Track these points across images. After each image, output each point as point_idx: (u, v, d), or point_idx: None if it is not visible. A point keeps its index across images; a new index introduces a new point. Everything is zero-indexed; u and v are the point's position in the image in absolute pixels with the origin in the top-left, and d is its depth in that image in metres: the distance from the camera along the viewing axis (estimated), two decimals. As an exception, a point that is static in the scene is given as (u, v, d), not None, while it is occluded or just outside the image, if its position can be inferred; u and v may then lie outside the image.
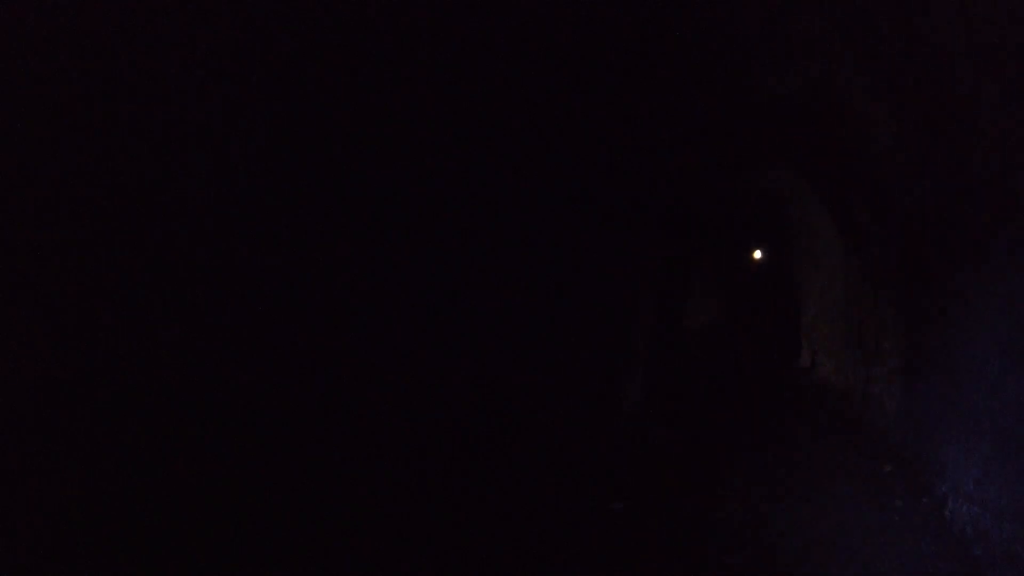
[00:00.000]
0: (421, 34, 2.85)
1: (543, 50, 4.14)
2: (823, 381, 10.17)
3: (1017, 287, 3.79)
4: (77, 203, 1.64)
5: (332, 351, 2.59)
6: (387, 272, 2.91)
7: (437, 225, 3.28)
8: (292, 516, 2.44)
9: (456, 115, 3.36)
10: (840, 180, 8.07)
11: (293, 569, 2.44)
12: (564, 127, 5.07)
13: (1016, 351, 3.85)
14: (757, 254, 15.55)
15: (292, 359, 2.41)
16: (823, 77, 5.05)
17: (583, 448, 6.12)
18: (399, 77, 2.80)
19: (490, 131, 3.85)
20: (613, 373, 7.22)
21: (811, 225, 10.75)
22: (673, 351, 12.85)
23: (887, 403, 7.45)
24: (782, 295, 13.34)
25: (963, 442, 5.26)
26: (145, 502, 1.88)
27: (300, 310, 2.44)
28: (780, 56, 4.56)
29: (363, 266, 2.73)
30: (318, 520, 2.54)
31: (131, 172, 1.77)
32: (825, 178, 8.59)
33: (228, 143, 2.05)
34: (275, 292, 2.32)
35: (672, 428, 7.84)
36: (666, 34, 4.69)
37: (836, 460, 6.77)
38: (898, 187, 6.16)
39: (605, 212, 6.64)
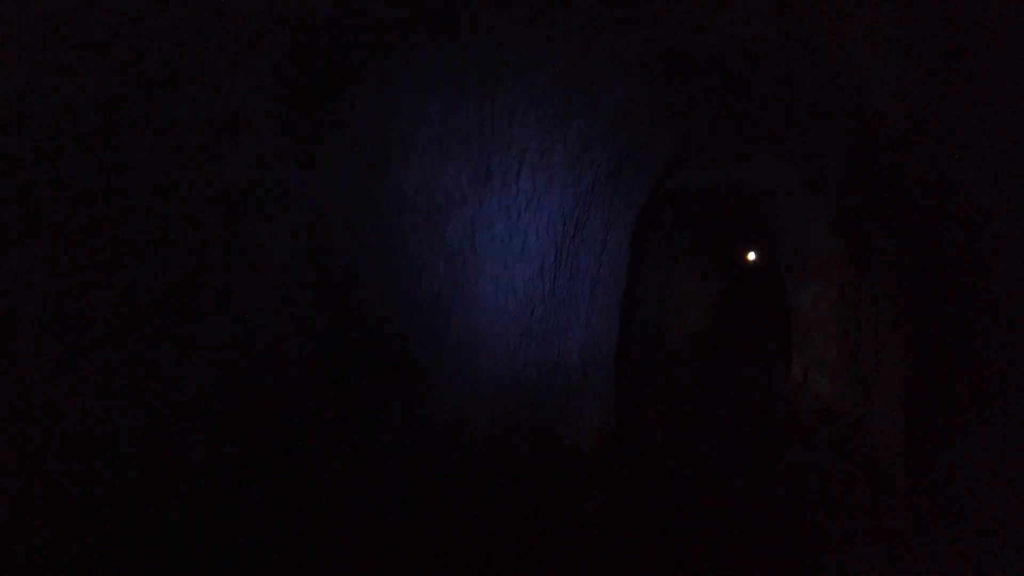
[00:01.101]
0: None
1: None
2: (816, 400, 8.98)
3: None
4: (79, 201, 1.64)
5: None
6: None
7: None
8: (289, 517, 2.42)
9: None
10: (833, 169, 6.90)
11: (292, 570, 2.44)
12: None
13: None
14: (745, 258, 14.40)
15: (293, 358, 2.41)
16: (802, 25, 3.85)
17: (519, 497, 4.89)
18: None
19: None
20: (569, 397, 6.00)
21: (802, 223, 9.58)
22: (650, 367, 11.68)
23: (890, 431, 6.26)
24: (771, 303, 12.16)
25: (995, 497, 4.07)
26: (145, 502, 1.87)
27: (299, 309, 2.43)
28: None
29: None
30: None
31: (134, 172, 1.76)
32: (816, 166, 7.42)
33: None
34: (273, 292, 2.30)
35: (638, 465, 6.64)
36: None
37: (832, 512, 5.57)
38: (906, 173, 5.00)
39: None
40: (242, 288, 2.17)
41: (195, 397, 2.02)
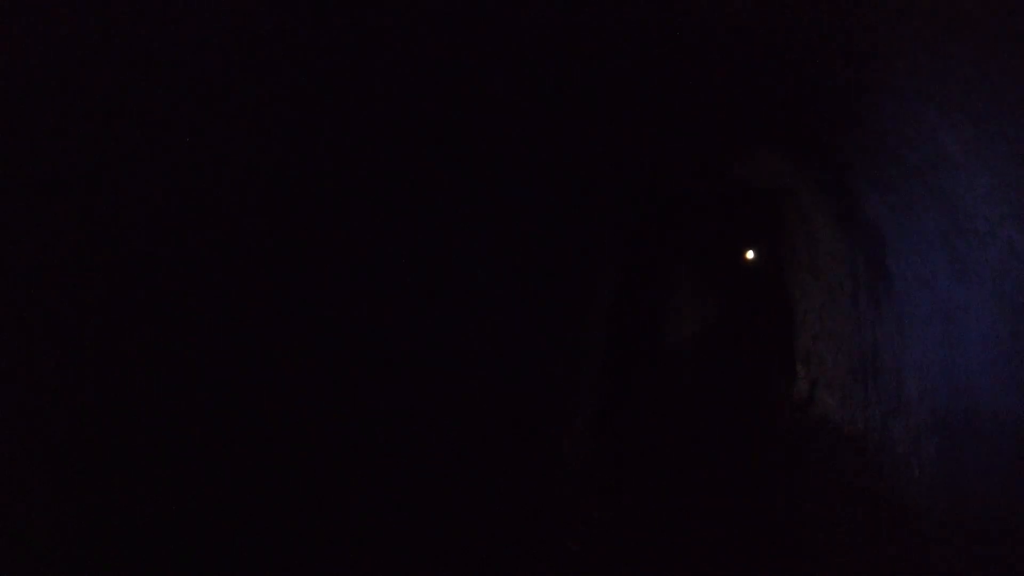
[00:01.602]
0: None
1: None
2: (824, 420, 8.15)
3: None
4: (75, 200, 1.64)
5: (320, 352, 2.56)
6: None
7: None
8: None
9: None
10: (847, 162, 6.05)
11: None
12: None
13: None
14: (745, 258, 13.58)
15: (290, 358, 2.40)
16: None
17: (474, 538, 4.07)
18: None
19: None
20: (545, 414, 5.17)
21: (808, 223, 8.73)
22: (645, 374, 10.85)
23: (916, 467, 5.41)
24: (774, 308, 11.32)
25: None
26: (145, 503, 1.85)
27: (299, 307, 2.42)
28: None
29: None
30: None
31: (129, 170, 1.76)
32: (825, 161, 6.56)
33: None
34: (274, 292, 2.31)
35: (621, 496, 5.80)
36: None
37: (843, 556, 4.73)
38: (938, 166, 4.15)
39: (540, 201, 4.62)
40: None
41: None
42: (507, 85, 3.71)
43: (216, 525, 2.08)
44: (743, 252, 13.17)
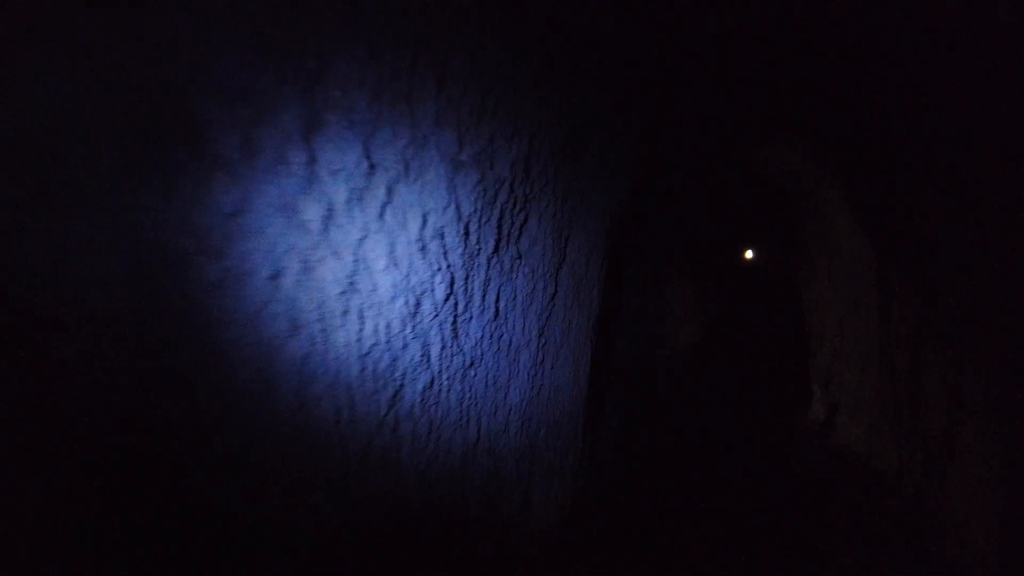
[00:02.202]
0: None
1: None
2: (847, 451, 7.06)
3: None
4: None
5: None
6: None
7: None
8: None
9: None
10: (878, 153, 4.97)
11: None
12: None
13: None
14: (747, 260, 12.51)
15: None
16: None
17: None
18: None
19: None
20: (501, 489, 4.10)
21: (827, 228, 7.65)
22: (640, 389, 9.78)
23: (977, 534, 4.32)
24: (784, 320, 10.23)
25: None
26: (143, 503, 1.75)
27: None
28: None
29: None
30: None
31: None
32: (848, 152, 5.48)
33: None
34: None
35: (610, 541, 4.73)
36: None
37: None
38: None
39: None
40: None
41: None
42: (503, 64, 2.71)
43: (212, 524, 1.90)
44: (750, 255, 12.10)
